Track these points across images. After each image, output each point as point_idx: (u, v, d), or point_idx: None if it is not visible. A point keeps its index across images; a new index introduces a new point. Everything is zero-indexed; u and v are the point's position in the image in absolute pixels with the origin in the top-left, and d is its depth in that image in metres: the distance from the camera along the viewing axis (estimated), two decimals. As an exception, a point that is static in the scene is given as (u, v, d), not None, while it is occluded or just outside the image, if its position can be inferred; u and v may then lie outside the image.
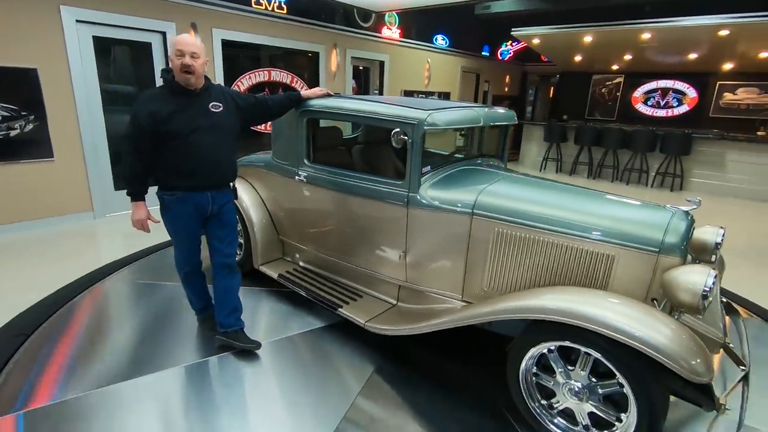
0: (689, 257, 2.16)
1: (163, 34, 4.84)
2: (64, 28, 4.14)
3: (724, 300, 2.51)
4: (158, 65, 4.91)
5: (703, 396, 1.65)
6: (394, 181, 2.40)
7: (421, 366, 2.40)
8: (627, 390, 1.63)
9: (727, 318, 2.37)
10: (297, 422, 1.96)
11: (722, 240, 2.22)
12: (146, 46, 4.81)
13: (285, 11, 5.91)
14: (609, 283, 1.93)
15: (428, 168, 2.39)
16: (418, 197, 2.31)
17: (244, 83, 5.72)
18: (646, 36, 7.50)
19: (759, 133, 8.00)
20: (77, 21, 4.22)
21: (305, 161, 2.81)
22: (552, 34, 8.17)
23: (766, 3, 6.22)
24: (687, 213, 2.00)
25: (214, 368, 2.32)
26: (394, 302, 2.58)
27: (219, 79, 5.41)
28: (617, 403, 1.72)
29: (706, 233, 2.24)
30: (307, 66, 6.52)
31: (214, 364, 2.35)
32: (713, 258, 2.26)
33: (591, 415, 1.79)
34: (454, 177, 2.48)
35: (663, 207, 2.04)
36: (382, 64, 7.72)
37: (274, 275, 2.97)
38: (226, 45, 5.40)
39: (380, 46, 7.58)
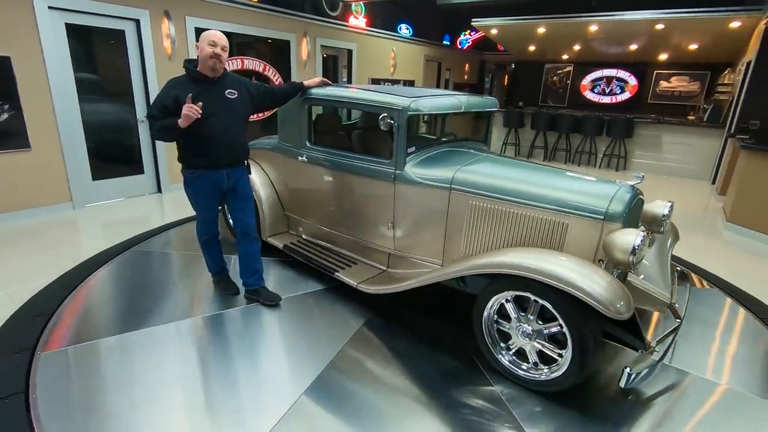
0: (641, 227, 2.48)
1: (137, 21, 4.81)
2: (36, 15, 4.06)
3: (679, 268, 2.85)
4: (132, 53, 4.88)
5: (636, 340, 1.99)
6: (383, 160, 2.69)
7: (404, 322, 2.75)
8: (565, 330, 1.92)
9: (678, 284, 2.71)
10: (293, 363, 2.32)
11: (669, 212, 2.53)
12: (120, 34, 4.77)
13: (256, -1, 5.98)
14: (564, 246, 2.18)
15: (413, 149, 2.68)
16: (404, 174, 2.60)
17: (218, 71, 5.75)
18: (593, 28, 8.14)
19: (689, 117, 8.96)
20: (50, 8, 4.15)
21: (307, 143, 3.10)
22: (509, 25, 8.66)
23: (695, 1, 6.96)
24: (632, 186, 2.23)
25: (227, 319, 2.69)
26: (384, 268, 2.89)
27: (193, 67, 5.42)
28: (559, 341, 2.03)
29: (656, 207, 2.54)
30: (278, 54, 6.61)
31: (228, 315, 2.73)
32: (662, 228, 2.55)
33: (539, 353, 2.11)
34: (437, 157, 2.77)
35: (611, 181, 2.29)
36: (350, 52, 7.91)
37: (280, 246, 3.29)
38: (200, 33, 5.40)
39: (348, 35, 7.76)
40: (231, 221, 3.68)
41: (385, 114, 2.56)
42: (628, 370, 1.84)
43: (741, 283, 3.39)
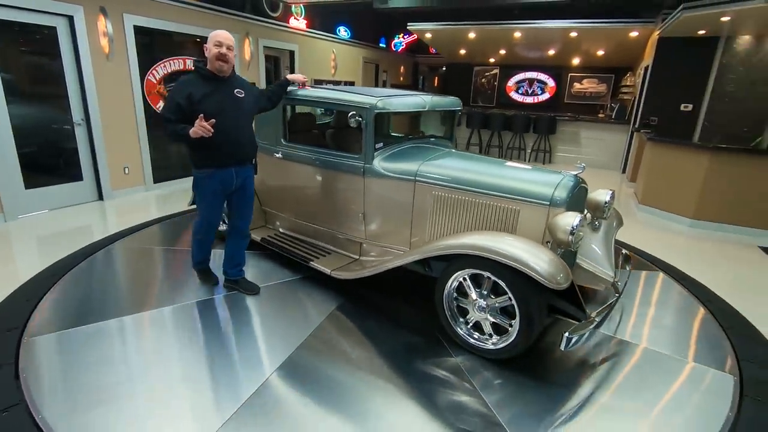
0: (586, 213, 2.76)
1: (70, 18, 4.50)
2: (-45, 8, 3.68)
3: (624, 252, 3.08)
4: (66, 52, 4.56)
5: (579, 312, 2.23)
6: (353, 155, 2.88)
7: (375, 305, 2.94)
8: (514, 303, 2.15)
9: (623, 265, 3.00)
10: (268, 344, 2.48)
11: (610, 199, 2.79)
12: (51, 31, 4.43)
13: (196, -2, 5.81)
14: (516, 230, 2.39)
15: (381, 144, 2.88)
16: (372, 168, 2.80)
17: (159, 71, 5.52)
18: (517, 35, 8.89)
19: (599, 115, 10.09)
20: (-30, 1, 3.78)
21: (282, 141, 3.22)
22: (442, 29, 9.17)
23: (603, 12, 7.90)
24: (575, 175, 2.46)
25: (207, 306, 2.83)
26: (357, 257, 3.08)
27: (133, 67, 5.17)
28: (510, 314, 2.25)
29: (598, 194, 2.79)
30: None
31: (208, 303, 2.87)
32: (605, 214, 2.82)
33: (493, 325, 2.33)
34: (403, 152, 2.98)
35: (557, 171, 2.52)
36: (292, 53, 7.91)
37: (258, 239, 3.40)
38: (139, 32, 5.17)
39: (289, 36, 7.76)
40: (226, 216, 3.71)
41: (354, 112, 2.74)
42: (567, 334, 2.02)
43: (658, 254, 4.03)
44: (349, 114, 2.75)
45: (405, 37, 11.91)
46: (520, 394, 2.12)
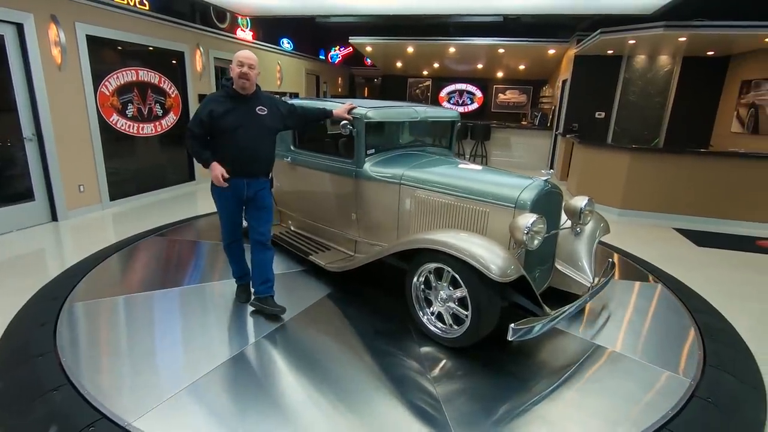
0: (568, 219, 2.89)
1: (19, 26, 4.16)
2: None
3: (610, 260, 3.01)
4: (14, 61, 4.19)
5: (537, 307, 2.34)
6: (347, 159, 3.13)
7: (360, 295, 3.18)
8: (466, 294, 2.27)
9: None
10: (262, 319, 2.82)
11: (586, 205, 2.83)
12: (-3, 39, 4.06)
13: (147, 7, 5.60)
14: (486, 230, 2.50)
15: (373, 150, 3.13)
16: (362, 171, 3.06)
17: (111, 83, 5.23)
18: (451, 50, 9.67)
19: (522, 122, 11.27)
20: None
21: (291, 147, 3.46)
22: (382, 43, 9.65)
23: (525, 32, 8.92)
24: (545, 180, 2.55)
25: (227, 288, 3.17)
26: (352, 254, 3.30)
27: (86, 79, 4.87)
28: (466, 305, 2.33)
29: (576, 201, 2.86)
30: (174, 66, 6.25)
31: (226, 284, 3.20)
32: (581, 220, 2.87)
33: (453, 315, 2.45)
34: (394, 158, 3.22)
35: (527, 177, 2.62)
36: (240, 64, 7.81)
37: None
38: (92, 41, 4.88)
39: (238, 47, 7.66)
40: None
41: (345, 122, 2.99)
42: (513, 326, 2.09)
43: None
44: (341, 123, 2.98)
45: (341, 49, 12.23)
46: (469, 383, 2.25)
